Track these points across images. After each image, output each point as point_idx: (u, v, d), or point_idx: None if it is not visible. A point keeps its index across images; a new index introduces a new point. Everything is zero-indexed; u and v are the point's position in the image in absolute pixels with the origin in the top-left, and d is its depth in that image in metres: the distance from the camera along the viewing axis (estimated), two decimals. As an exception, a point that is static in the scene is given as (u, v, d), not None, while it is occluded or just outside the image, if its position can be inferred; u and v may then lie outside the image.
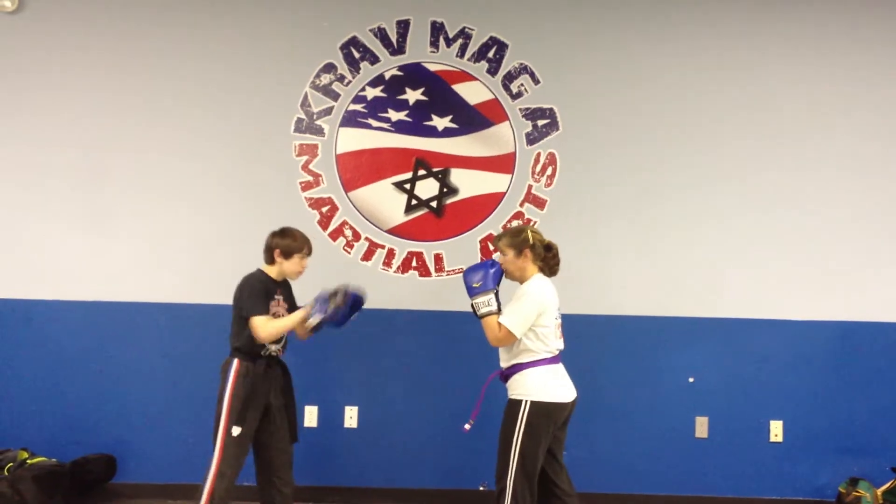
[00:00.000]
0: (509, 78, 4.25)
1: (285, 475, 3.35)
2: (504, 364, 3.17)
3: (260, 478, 3.35)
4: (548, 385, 3.08)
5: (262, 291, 3.26)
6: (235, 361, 3.24)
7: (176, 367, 4.14)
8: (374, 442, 4.19)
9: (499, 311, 3.09)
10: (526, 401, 3.06)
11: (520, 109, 4.25)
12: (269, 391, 3.29)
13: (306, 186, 4.23)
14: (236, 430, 3.15)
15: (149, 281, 4.16)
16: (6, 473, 3.77)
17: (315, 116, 4.23)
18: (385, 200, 4.23)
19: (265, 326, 3.19)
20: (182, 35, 4.22)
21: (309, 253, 3.40)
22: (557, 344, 3.17)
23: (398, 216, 4.23)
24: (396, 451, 4.20)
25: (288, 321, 3.22)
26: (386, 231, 4.23)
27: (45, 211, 4.18)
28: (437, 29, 4.24)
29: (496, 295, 3.12)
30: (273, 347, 3.31)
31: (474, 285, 3.12)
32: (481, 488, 4.18)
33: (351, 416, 4.19)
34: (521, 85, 4.25)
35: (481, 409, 3.21)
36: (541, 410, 3.05)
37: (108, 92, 4.20)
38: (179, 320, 4.14)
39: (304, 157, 4.22)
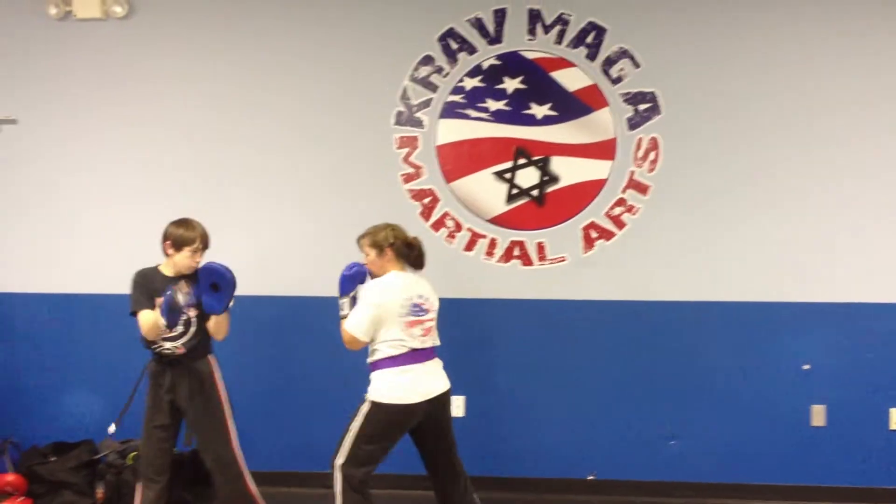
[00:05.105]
0: (609, 63, 4.19)
1: (217, 476, 3.34)
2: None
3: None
4: (391, 387, 3.08)
5: (141, 287, 3.15)
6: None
7: (287, 359, 4.26)
8: (481, 431, 4.19)
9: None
10: (370, 401, 3.09)
11: (620, 94, 4.18)
12: (169, 390, 3.19)
13: (407, 178, 4.26)
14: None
15: (261, 275, 4.22)
16: (129, 462, 3.92)
17: (414, 109, 4.25)
18: (486, 190, 4.22)
19: (140, 323, 3.13)
20: (284, 33, 4.29)
21: (204, 247, 3.20)
22: (412, 342, 3.12)
23: (499, 206, 4.22)
24: (504, 441, 4.21)
25: (151, 316, 3.09)
26: (487, 221, 4.22)
27: (150, 209, 4.30)
28: (533, 16, 4.20)
29: (352, 299, 3.19)
30: (167, 345, 3.18)
31: (340, 287, 3.24)
32: (590, 478, 4.17)
33: (458, 405, 4.19)
34: (622, 69, 4.18)
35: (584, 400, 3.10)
36: (380, 411, 3.06)
37: (215, 90, 4.29)
38: (298, 313, 4.24)
39: (405, 150, 4.25)
